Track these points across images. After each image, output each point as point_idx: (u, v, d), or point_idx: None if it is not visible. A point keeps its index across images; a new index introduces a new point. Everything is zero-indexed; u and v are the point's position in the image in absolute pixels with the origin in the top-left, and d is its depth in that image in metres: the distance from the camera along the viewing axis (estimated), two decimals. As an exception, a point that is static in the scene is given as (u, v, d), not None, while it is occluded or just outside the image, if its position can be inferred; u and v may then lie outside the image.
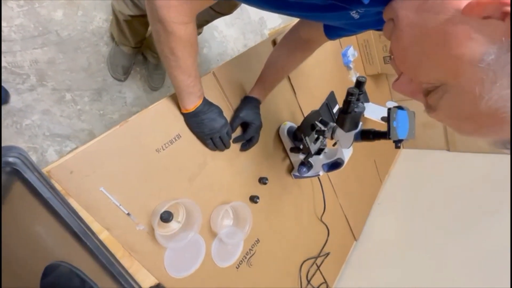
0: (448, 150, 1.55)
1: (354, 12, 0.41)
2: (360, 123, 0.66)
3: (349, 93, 0.58)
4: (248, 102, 0.75)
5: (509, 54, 0.23)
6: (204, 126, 0.64)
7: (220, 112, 0.66)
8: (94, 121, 1.19)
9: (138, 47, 1.18)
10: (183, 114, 0.65)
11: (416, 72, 0.31)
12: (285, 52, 0.71)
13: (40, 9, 1.04)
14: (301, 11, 0.45)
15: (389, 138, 0.55)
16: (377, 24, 0.45)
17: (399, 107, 0.56)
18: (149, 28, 1.11)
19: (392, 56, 0.34)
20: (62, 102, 1.11)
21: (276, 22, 1.85)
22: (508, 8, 0.22)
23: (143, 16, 0.97)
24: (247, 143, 0.77)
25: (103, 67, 1.20)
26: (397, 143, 0.56)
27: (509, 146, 0.28)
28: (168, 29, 0.45)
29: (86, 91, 1.16)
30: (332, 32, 0.58)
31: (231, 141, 0.73)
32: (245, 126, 0.77)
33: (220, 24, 1.57)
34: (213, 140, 0.67)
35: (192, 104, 0.61)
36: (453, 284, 1.01)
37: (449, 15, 0.26)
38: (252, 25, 1.73)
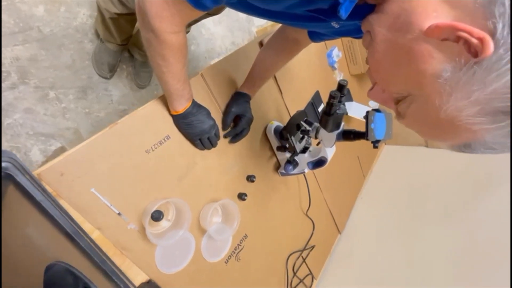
0: (427, 146, 1.63)
1: (334, 22, 0.44)
2: (342, 123, 0.70)
3: (331, 96, 0.61)
4: (239, 96, 0.78)
5: (461, 72, 0.26)
6: (193, 127, 0.66)
7: (208, 113, 0.68)
8: (80, 120, 1.17)
9: (125, 44, 1.17)
10: (172, 115, 0.66)
11: (388, 83, 0.35)
12: (273, 52, 0.74)
13: (21, 4, 1.00)
14: (285, 20, 0.48)
15: (367, 139, 0.59)
16: (357, 32, 0.48)
17: (377, 110, 0.60)
18: (136, 25, 1.10)
19: (368, 67, 0.37)
20: (46, 100, 1.09)
21: (264, 20, 1.86)
22: (461, 33, 0.25)
23: (130, 14, 0.96)
24: (237, 135, 0.80)
25: (88, 65, 1.18)
26: (375, 144, 0.60)
27: (464, 150, 0.32)
28: (160, 38, 0.46)
29: (71, 89, 1.14)
30: (315, 36, 0.62)
31: (220, 139, 0.75)
32: (236, 119, 0.79)
33: (208, 22, 1.57)
34: (202, 140, 0.69)
35: (181, 106, 0.62)
36: (433, 275, 1.08)
37: (415, 35, 0.29)
38: (240, 23, 1.74)
